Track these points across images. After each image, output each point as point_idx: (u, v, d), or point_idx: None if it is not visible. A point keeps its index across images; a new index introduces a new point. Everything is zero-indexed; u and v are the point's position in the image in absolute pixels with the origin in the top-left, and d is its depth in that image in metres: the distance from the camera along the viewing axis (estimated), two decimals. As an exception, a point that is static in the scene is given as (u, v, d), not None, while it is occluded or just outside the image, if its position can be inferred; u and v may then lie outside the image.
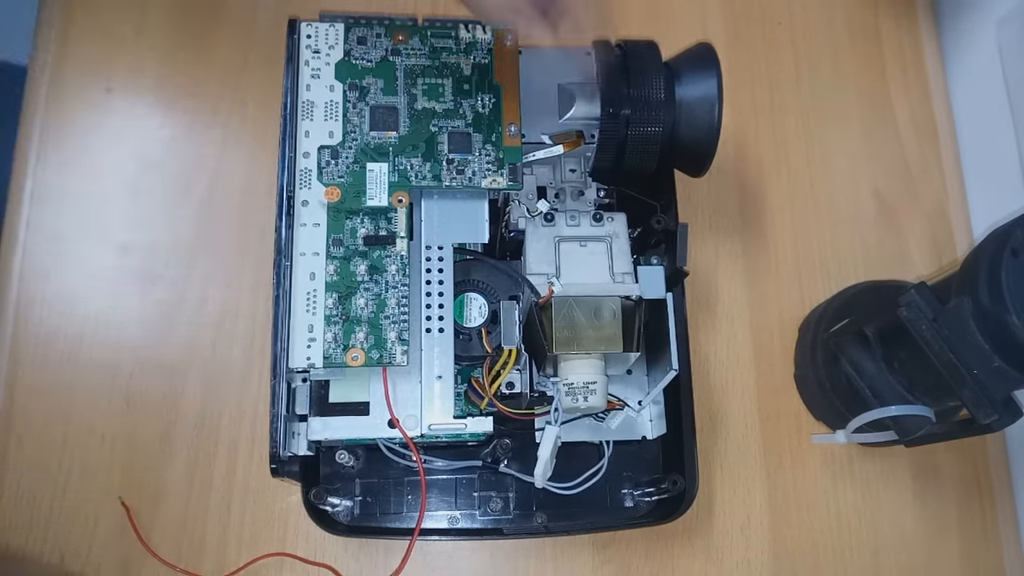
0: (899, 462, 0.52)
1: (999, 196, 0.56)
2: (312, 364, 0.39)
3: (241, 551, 0.46)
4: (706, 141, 0.43)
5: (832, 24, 0.61)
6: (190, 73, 0.54)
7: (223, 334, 0.50)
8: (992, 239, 0.39)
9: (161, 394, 0.48)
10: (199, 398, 0.48)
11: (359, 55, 0.43)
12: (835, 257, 0.55)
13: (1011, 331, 0.37)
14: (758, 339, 0.53)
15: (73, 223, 0.51)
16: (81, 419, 0.43)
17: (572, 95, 0.44)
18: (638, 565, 0.48)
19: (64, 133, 0.52)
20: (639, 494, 0.47)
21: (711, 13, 0.60)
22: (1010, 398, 0.41)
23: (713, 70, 0.43)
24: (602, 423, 0.47)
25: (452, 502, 0.46)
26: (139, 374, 0.48)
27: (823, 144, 0.58)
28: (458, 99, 0.43)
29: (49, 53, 0.53)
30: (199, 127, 0.53)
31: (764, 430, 0.52)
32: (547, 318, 0.41)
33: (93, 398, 0.48)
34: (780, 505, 0.50)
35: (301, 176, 0.41)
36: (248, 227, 0.51)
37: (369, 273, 0.41)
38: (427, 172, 0.42)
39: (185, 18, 0.55)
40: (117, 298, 0.50)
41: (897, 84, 0.60)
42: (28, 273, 0.50)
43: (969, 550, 0.51)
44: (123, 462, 0.47)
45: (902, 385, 0.45)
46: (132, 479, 0.47)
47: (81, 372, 0.48)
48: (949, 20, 0.61)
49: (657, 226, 0.45)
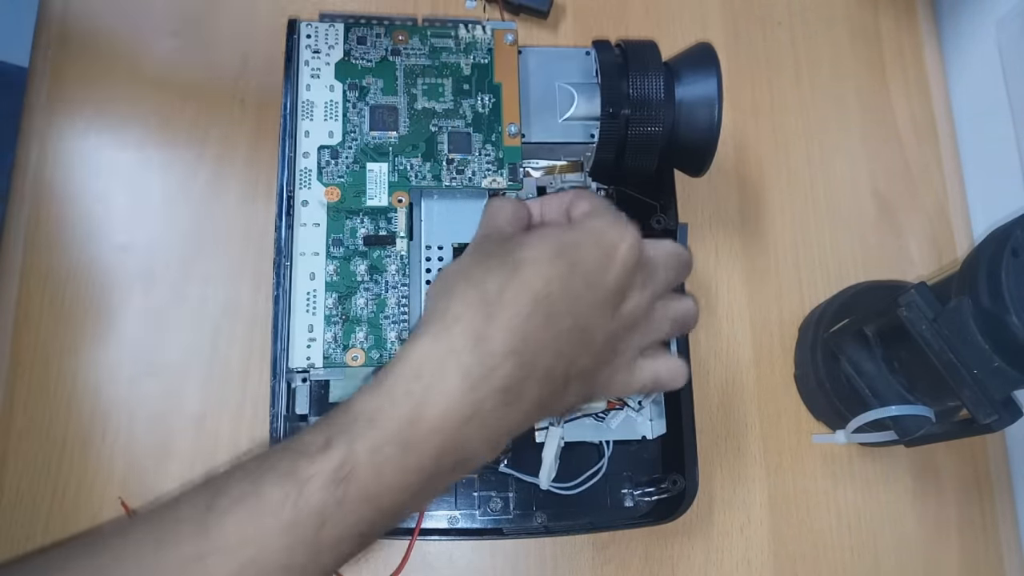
0: (899, 462, 0.52)
1: (999, 196, 0.56)
2: (312, 364, 0.39)
3: (241, 551, 0.46)
4: (706, 141, 0.43)
5: (832, 24, 0.61)
6: (190, 73, 0.54)
7: (223, 334, 0.50)
8: (992, 239, 0.39)
9: (161, 394, 0.48)
10: (199, 398, 0.48)
11: (359, 55, 0.43)
12: (835, 257, 0.55)
13: (1011, 331, 0.37)
14: (758, 339, 0.53)
15: (73, 223, 0.51)
16: (81, 419, 0.43)
17: (572, 95, 0.44)
18: (638, 565, 0.48)
19: (64, 134, 0.52)
20: (639, 494, 0.47)
21: (711, 13, 0.60)
22: (1010, 398, 0.41)
23: (713, 70, 0.43)
24: (602, 423, 0.47)
25: (452, 502, 0.46)
26: (139, 374, 0.48)
27: (823, 144, 0.58)
28: (458, 99, 0.43)
29: (49, 54, 0.53)
30: (199, 127, 0.53)
31: (764, 430, 0.52)
32: (547, 318, 0.41)
33: (93, 398, 0.48)
34: (780, 505, 0.50)
35: (301, 176, 0.41)
36: (248, 227, 0.51)
37: (369, 273, 0.41)
38: (427, 172, 0.42)
39: (185, 17, 0.55)
40: (117, 298, 0.50)
41: (897, 84, 0.60)
42: (28, 273, 0.50)
43: (969, 550, 0.51)
44: (123, 462, 0.47)
45: (902, 385, 0.45)
46: (132, 479, 0.47)
47: (81, 372, 0.48)
48: (949, 20, 0.61)
49: (657, 226, 0.45)
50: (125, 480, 0.47)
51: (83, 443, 0.47)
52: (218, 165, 0.53)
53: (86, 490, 0.46)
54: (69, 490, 0.46)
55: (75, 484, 0.46)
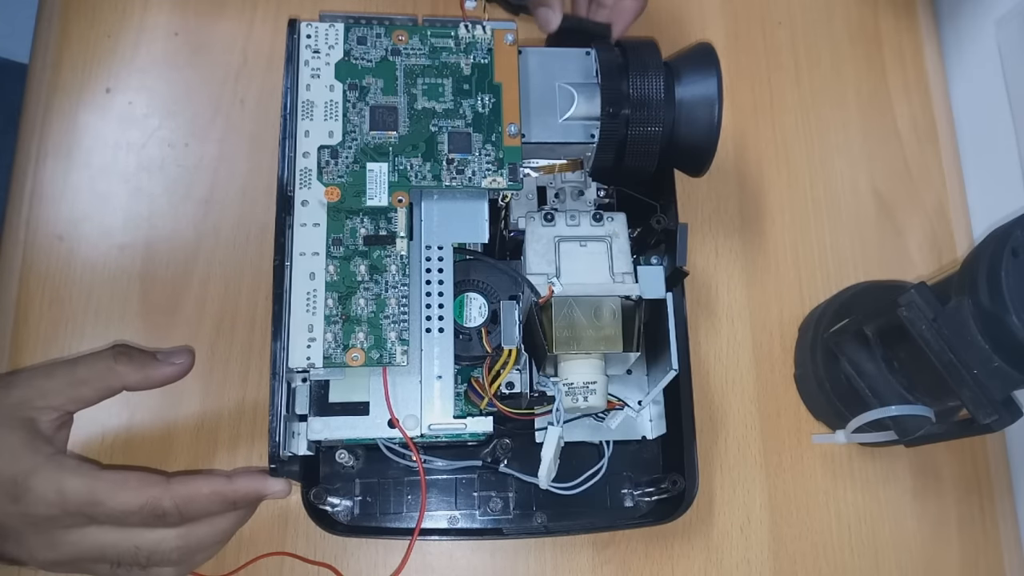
0: (899, 462, 0.52)
1: (999, 196, 0.56)
2: (312, 364, 0.39)
3: (241, 550, 0.46)
4: (706, 141, 0.43)
5: (832, 24, 0.61)
6: (190, 72, 0.54)
7: (223, 334, 0.50)
8: (992, 239, 0.39)
9: (161, 394, 0.48)
10: (199, 398, 0.48)
11: (359, 55, 0.43)
12: (835, 257, 0.55)
13: (1011, 331, 0.37)
14: (758, 339, 0.53)
15: (73, 223, 0.51)
16: (82, 419, 0.43)
17: (572, 95, 0.44)
18: (638, 565, 0.48)
19: (64, 133, 0.52)
20: (639, 494, 0.47)
21: (711, 13, 0.60)
22: (1010, 398, 0.41)
23: (713, 70, 0.43)
24: (602, 423, 0.47)
25: (452, 502, 0.46)
26: (139, 374, 0.48)
27: (823, 144, 0.58)
28: (458, 99, 0.43)
29: (49, 53, 0.53)
30: (199, 127, 0.53)
31: (764, 430, 0.52)
32: (547, 318, 0.41)
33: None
34: (780, 505, 0.50)
35: (301, 176, 0.41)
36: (248, 227, 0.51)
37: (369, 273, 0.41)
38: (427, 172, 0.42)
39: (185, 17, 0.55)
40: (117, 298, 0.50)
41: (897, 84, 0.60)
42: (28, 273, 0.50)
43: (969, 550, 0.51)
44: (123, 462, 0.47)
45: (902, 385, 0.45)
46: (132, 479, 0.47)
47: (81, 372, 0.48)
48: (949, 20, 0.61)
49: (657, 226, 0.45)
50: (125, 480, 0.47)
51: (83, 443, 0.47)
52: (218, 165, 0.53)
53: (86, 490, 0.46)
54: (69, 490, 0.46)
55: (75, 484, 0.46)
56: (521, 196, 0.46)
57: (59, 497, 0.38)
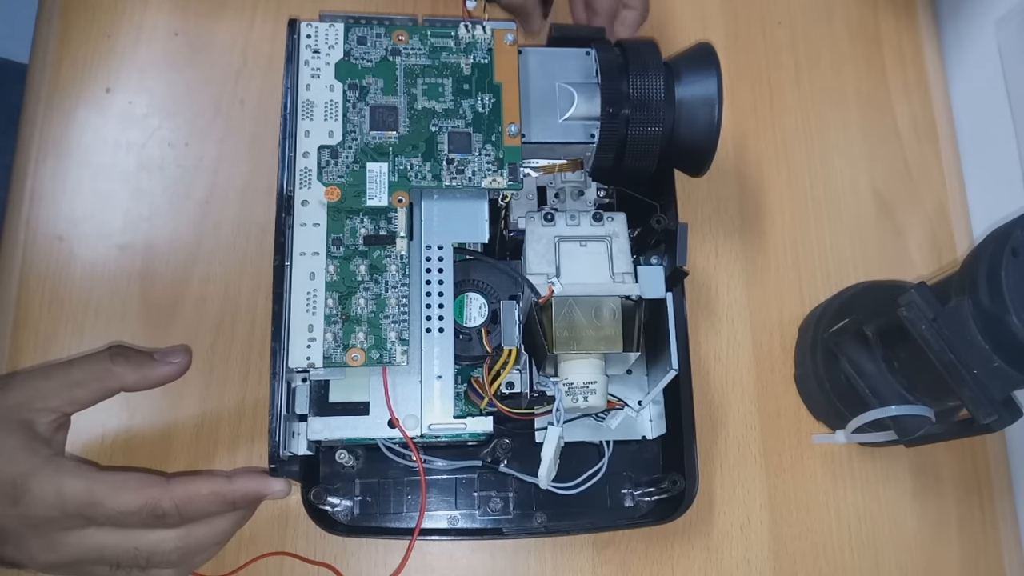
0: (899, 462, 0.52)
1: (999, 196, 0.56)
2: (312, 364, 0.39)
3: (241, 550, 0.46)
4: (706, 141, 0.43)
5: (832, 24, 0.61)
6: (190, 72, 0.54)
7: (223, 334, 0.50)
8: (992, 239, 0.39)
9: (161, 394, 0.48)
10: (199, 398, 0.48)
11: (359, 55, 0.43)
12: (835, 257, 0.55)
13: (1011, 331, 0.37)
14: (758, 339, 0.53)
15: (73, 223, 0.51)
16: (81, 419, 0.43)
17: (572, 95, 0.44)
18: (638, 565, 0.48)
19: (64, 133, 0.52)
20: (639, 494, 0.47)
21: (711, 13, 0.60)
22: (1010, 398, 0.41)
23: (713, 70, 0.43)
24: (602, 423, 0.47)
25: (452, 502, 0.46)
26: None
27: (823, 144, 0.58)
28: (458, 99, 0.43)
29: (49, 53, 0.53)
30: (199, 127, 0.53)
31: (764, 430, 0.52)
32: (547, 318, 0.41)
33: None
34: (780, 505, 0.50)
35: (301, 176, 0.41)
36: (248, 227, 0.51)
37: (369, 273, 0.41)
38: (427, 172, 0.42)
39: (185, 17, 0.55)
40: (117, 298, 0.50)
41: (897, 84, 0.60)
42: (28, 273, 0.50)
43: (969, 550, 0.51)
44: (123, 462, 0.47)
45: (902, 385, 0.45)
46: (132, 479, 0.47)
47: (81, 372, 0.48)
48: (949, 20, 0.61)
49: (657, 226, 0.45)
50: (125, 480, 0.47)
51: (83, 444, 0.47)
52: (218, 165, 0.53)
53: (86, 490, 0.46)
54: (69, 490, 0.46)
55: (75, 484, 0.46)
56: (521, 196, 0.46)
57: (58, 499, 0.38)
